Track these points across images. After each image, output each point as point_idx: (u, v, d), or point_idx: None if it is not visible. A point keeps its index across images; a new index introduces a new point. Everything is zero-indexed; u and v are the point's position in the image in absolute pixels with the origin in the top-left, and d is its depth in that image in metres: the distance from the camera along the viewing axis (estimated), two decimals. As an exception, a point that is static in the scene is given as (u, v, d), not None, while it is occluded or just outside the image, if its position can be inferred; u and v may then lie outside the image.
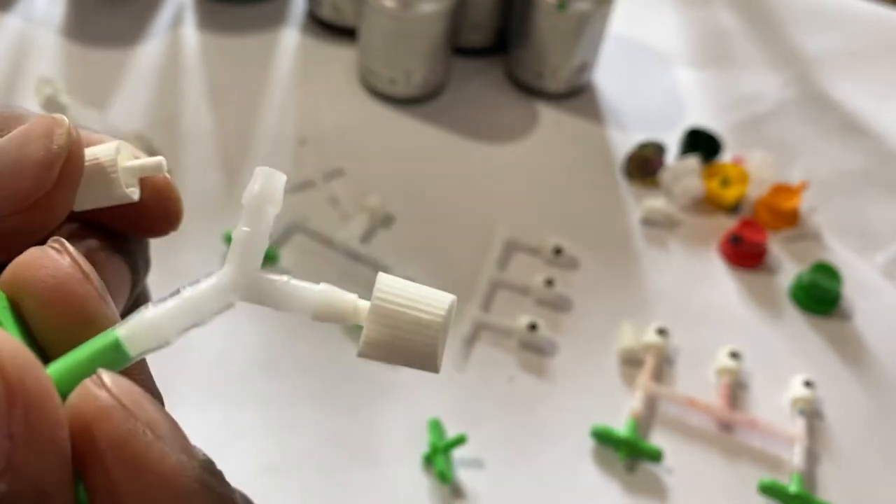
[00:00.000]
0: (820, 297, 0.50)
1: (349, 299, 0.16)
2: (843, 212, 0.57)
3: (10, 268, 0.16)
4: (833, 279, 0.50)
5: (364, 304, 0.16)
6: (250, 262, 0.16)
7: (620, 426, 0.44)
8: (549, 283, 0.49)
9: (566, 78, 0.61)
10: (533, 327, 0.46)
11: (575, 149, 0.60)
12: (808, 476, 0.44)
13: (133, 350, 0.15)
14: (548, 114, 0.62)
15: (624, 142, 0.60)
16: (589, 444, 0.43)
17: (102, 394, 0.14)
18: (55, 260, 0.16)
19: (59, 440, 0.13)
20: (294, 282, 0.16)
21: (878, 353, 0.49)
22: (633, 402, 0.45)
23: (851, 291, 0.52)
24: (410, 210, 0.54)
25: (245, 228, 0.16)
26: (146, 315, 0.15)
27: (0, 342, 0.12)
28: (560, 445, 0.43)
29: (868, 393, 0.48)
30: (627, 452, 0.42)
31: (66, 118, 0.18)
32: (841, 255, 0.54)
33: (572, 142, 0.60)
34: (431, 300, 0.15)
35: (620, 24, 0.67)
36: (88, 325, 0.16)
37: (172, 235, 0.23)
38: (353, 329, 0.45)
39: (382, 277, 0.16)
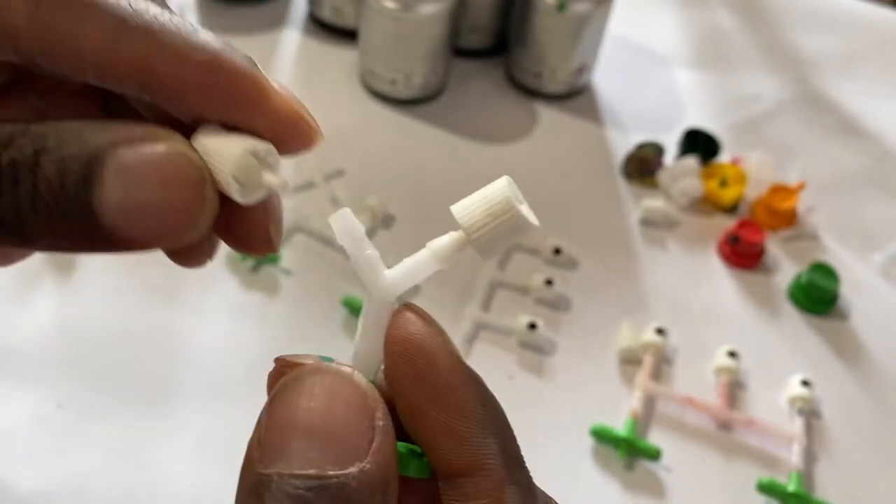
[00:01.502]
0: (818, 296, 0.51)
1: (446, 238, 0.20)
2: (841, 212, 0.57)
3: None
4: (831, 279, 0.51)
5: (458, 233, 0.20)
6: (380, 264, 0.20)
7: (619, 425, 0.44)
8: (549, 282, 0.49)
9: (565, 79, 0.62)
10: (532, 327, 0.47)
11: (574, 149, 0.60)
12: (807, 475, 0.44)
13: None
14: (547, 115, 0.62)
15: (623, 142, 0.60)
16: (588, 442, 0.44)
17: (412, 316, 0.20)
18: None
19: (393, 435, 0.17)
20: (415, 258, 0.20)
21: (876, 352, 0.50)
22: (631, 401, 0.45)
23: (849, 291, 0.52)
24: (410, 210, 0.54)
25: (370, 251, 0.20)
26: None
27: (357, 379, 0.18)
28: (559, 444, 0.44)
29: (866, 392, 0.48)
30: (626, 451, 0.43)
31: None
32: (839, 254, 0.55)
33: (571, 142, 0.60)
34: (491, 191, 0.19)
35: (619, 25, 0.67)
36: None
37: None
38: (355, 323, 0.45)
39: (454, 207, 0.19)
